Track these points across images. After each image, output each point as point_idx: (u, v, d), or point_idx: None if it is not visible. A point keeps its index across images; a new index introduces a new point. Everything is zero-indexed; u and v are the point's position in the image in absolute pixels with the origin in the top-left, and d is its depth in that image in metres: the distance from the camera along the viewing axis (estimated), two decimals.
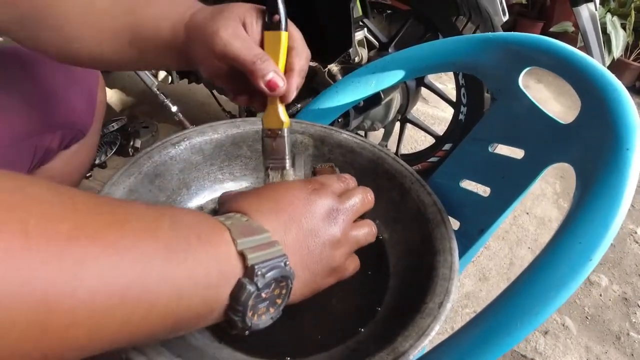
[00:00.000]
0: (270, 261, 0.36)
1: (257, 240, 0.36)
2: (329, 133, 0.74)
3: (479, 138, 0.67)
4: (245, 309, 0.35)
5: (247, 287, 0.34)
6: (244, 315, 0.35)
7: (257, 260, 0.35)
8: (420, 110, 2.35)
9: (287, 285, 0.38)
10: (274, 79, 0.47)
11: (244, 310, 0.35)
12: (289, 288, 0.39)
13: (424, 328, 0.45)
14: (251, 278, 0.34)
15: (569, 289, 0.39)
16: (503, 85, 0.64)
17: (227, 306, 0.35)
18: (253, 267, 0.34)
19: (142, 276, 0.29)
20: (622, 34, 2.88)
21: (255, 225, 0.38)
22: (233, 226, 0.36)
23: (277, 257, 0.36)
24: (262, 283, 0.35)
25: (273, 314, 0.39)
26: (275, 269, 0.36)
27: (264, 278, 0.35)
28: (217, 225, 0.36)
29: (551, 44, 0.59)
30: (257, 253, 0.35)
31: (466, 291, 1.45)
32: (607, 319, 1.45)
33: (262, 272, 0.35)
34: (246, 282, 0.34)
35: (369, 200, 0.49)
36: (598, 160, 0.46)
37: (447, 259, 0.55)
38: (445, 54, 0.70)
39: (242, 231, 0.36)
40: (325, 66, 1.18)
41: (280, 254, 0.37)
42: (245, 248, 0.35)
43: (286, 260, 0.37)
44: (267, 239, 0.37)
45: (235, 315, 0.35)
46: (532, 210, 1.86)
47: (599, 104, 0.50)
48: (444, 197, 0.63)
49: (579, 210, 0.43)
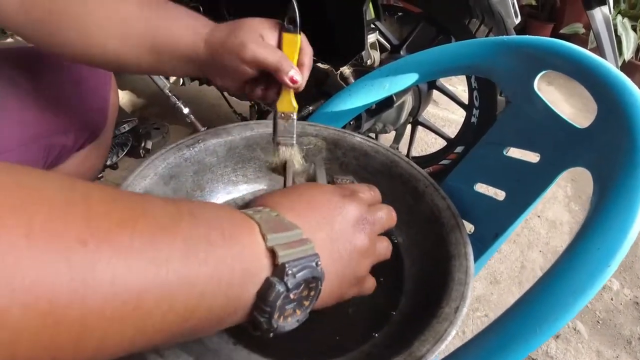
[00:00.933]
0: (301, 260, 0.34)
1: (288, 236, 0.35)
2: (343, 136, 0.74)
3: (494, 141, 0.67)
4: (273, 309, 0.33)
5: (277, 287, 0.33)
6: (271, 316, 0.33)
7: (289, 259, 0.33)
8: (431, 113, 2.35)
9: (317, 286, 0.37)
10: (294, 76, 0.57)
11: (271, 311, 0.33)
12: (318, 290, 0.37)
13: (441, 333, 0.45)
14: (281, 277, 0.33)
15: (587, 296, 0.38)
16: (518, 89, 0.64)
17: (253, 306, 0.34)
18: (284, 265, 0.33)
19: (158, 279, 0.27)
20: (632, 35, 2.86)
21: (286, 221, 0.37)
22: (263, 220, 0.35)
23: (309, 256, 0.35)
24: (292, 283, 0.33)
25: (300, 316, 0.37)
26: (306, 269, 0.34)
27: (294, 278, 0.33)
28: (244, 220, 0.35)
29: (567, 48, 0.58)
30: (289, 250, 0.34)
31: (477, 294, 1.45)
32: (619, 323, 1.44)
33: (293, 271, 0.33)
34: (275, 281, 0.33)
35: (393, 218, 0.49)
36: (615, 164, 0.46)
37: (462, 263, 0.55)
38: (460, 58, 0.70)
39: (272, 226, 0.35)
40: (337, 69, 1.18)
41: (312, 252, 0.36)
42: (275, 244, 0.34)
43: (318, 260, 0.36)
44: (299, 235, 0.36)
45: (261, 315, 0.33)
46: (544, 213, 1.85)
47: (615, 108, 0.50)
48: (458, 201, 0.63)
49: (596, 216, 0.42)
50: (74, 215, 0.25)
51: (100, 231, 0.25)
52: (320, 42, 1.24)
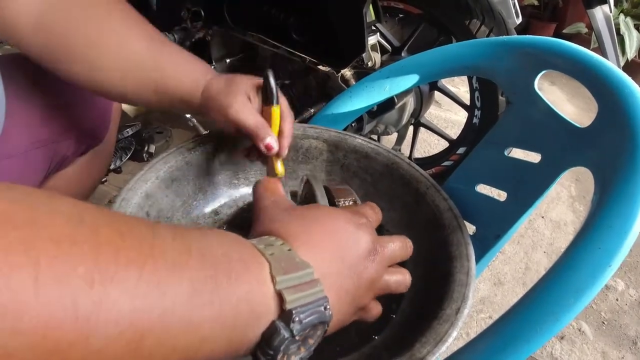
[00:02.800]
0: (310, 305, 0.33)
1: (299, 277, 0.34)
2: (344, 138, 0.74)
3: (495, 142, 0.66)
4: (277, 354, 0.32)
5: (282, 333, 0.32)
6: (274, 359, 0.32)
7: (297, 304, 0.32)
8: (433, 114, 2.34)
9: (323, 328, 0.35)
10: (270, 143, 0.59)
11: (274, 355, 0.32)
12: (324, 331, 0.36)
13: (442, 334, 0.45)
14: (287, 323, 0.32)
15: (588, 295, 0.38)
16: (518, 89, 0.64)
17: (257, 345, 0.33)
18: (291, 311, 0.32)
19: (161, 321, 0.27)
20: (635, 34, 2.85)
21: (298, 259, 0.35)
22: (274, 259, 0.34)
23: (318, 300, 0.34)
24: (297, 330, 0.32)
25: (303, 354, 0.35)
26: (314, 315, 0.33)
27: (301, 325, 0.32)
28: (254, 257, 0.34)
29: (567, 47, 0.58)
30: (297, 295, 0.33)
31: (481, 296, 1.44)
32: (624, 323, 1.43)
33: (300, 317, 0.32)
34: (281, 326, 0.32)
35: (408, 250, 0.47)
36: (616, 164, 0.45)
37: (463, 264, 0.54)
38: (460, 58, 0.70)
39: (283, 266, 0.34)
40: (338, 71, 1.18)
41: (321, 295, 0.34)
42: (284, 288, 0.33)
43: (327, 305, 0.34)
44: (310, 276, 0.35)
45: (264, 356, 0.33)
46: (548, 213, 1.84)
47: (616, 107, 0.50)
48: (459, 202, 0.63)
49: (597, 216, 0.42)
50: (82, 255, 0.24)
51: (108, 272, 0.25)
52: (321, 45, 1.24)
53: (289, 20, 1.21)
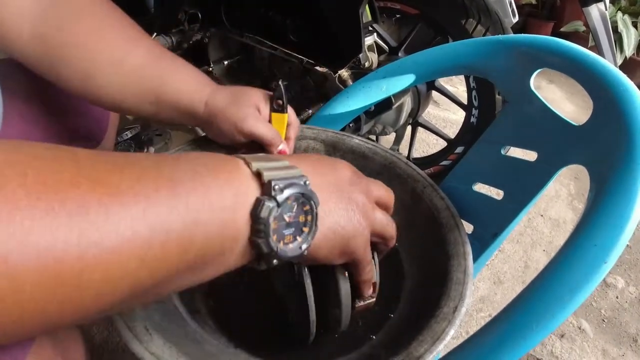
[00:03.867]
0: (288, 179, 0.35)
1: (274, 164, 0.36)
2: (341, 139, 0.74)
3: (491, 141, 0.67)
4: (268, 227, 0.33)
5: (266, 203, 0.33)
6: (267, 235, 0.34)
7: (274, 177, 0.34)
8: (432, 113, 2.35)
9: (312, 209, 0.36)
10: (283, 150, 0.65)
11: (266, 230, 0.33)
12: (315, 213, 0.37)
13: (439, 333, 0.45)
14: (269, 194, 0.33)
15: (584, 292, 0.38)
16: (514, 88, 0.64)
17: (250, 231, 0.34)
18: (270, 182, 0.34)
19: (150, 211, 0.28)
20: (633, 32, 2.85)
21: (272, 156, 0.38)
22: (247, 156, 0.36)
23: (295, 177, 0.35)
24: (281, 198, 0.33)
25: (301, 243, 0.36)
26: (294, 186, 0.34)
27: (282, 192, 0.34)
28: (228, 157, 0.36)
29: (562, 45, 0.58)
30: (274, 172, 0.35)
31: (481, 295, 1.45)
32: (624, 321, 1.43)
33: (280, 186, 0.34)
34: (264, 198, 0.33)
35: (391, 194, 0.48)
36: (611, 161, 0.46)
37: (461, 263, 0.55)
38: (456, 58, 0.70)
39: (256, 158, 0.36)
40: (335, 72, 1.18)
41: (299, 174, 0.36)
42: (260, 168, 0.34)
43: (306, 180, 0.36)
44: (285, 164, 0.37)
45: (258, 237, 0.34)
46: (547, 212, 1.84)
47: (611, 104, 0.50)
48: (457, 201, 0.63)
49: (593, 213, 0.42)
50: (65, 165, 0.27)
51: (90, 176, 0.27)
52: (318, 46, 1.25)
53: (286, 21, 1.21)
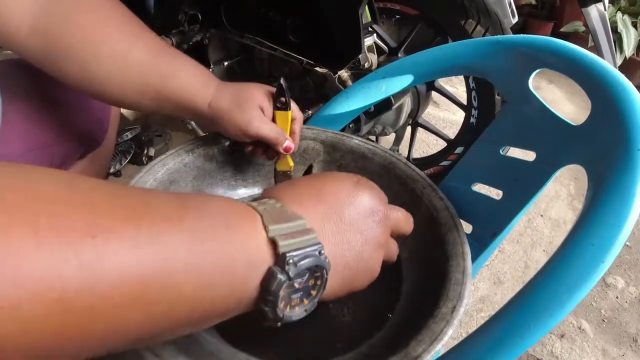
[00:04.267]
0: (303, 249, 0.34)
1: (290, 227, 0.35)
2: (341, 139, 0.74)
3: (490, 141, 0.67)
4: (276, 299, 0.34)
5: (278, 276, 0.33)
6: (275, 305, 0.34)
7: (289, 248, 0.34)
8: (432, 114, 2.35)
9: (322, 275, 0.37)
10: (288, 146, 0.67)
11: (274, 301, 0.34)
12: (324, 279, 0.37)
13: (437, 333, 0.45)
14: (282, 267, 0.33)
15: (582, 291, 0.38)
16: (513, 88, 0.64)
17: (258, 296, 0.34)
18: (284, 254, 0.33)
19: (164, 268, 0.28)
20: (633, 32, 2.85)
21: (289, 212, 0.37)
22: (266, 212, 0.35)
23: (311, 246, 0.35)
24: (294, 272, 0.33)
25: (307, 305, 0.37)
26: (308, 258, 0.34)
27: (295, 267, 0.33)
28: (248, 212, 0.35)
29: (560, 46, 0.59)
30: (290, 240, 0.34)
31: (481, 295, 1.45)
32: (624, 321, 1.43)
33: (294, 260, 0.33)
34: (277, 270, 0.33)
35: (411, 222, 0.49)
36: (609, 161, 0.46)
37: (459, 263, 0.55)
38: (455, 58, 0.70)
39: (275, 217, 0.35)
40: (335, 72, 1.18)
41: (314, 242, 0.35)
42: (276, 235, 0.34)
43: (321, 249, 0.35)
44: (302, 226, 0.36)
45: (265, 305, 0.34)
46: (547, 212, 1.84)
47: (609, 104, 0.50)
48: (456, 201, 0.63)
49: (591, 212, 0.43)
50: (79, 212, 0.26)
51: (106, 226, 0.26)
52: (318, 46, 1.25)
53: (286, 22, 1.21)
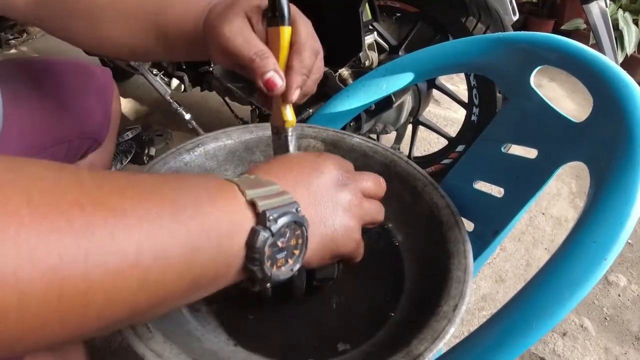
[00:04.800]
0: (281, 208, 0.36)
1: (266, 191, 0.37)
2: (342, 137, 0.74)
3: (491, 138, 0.66)
4: (262, 256, 0.35)
5: (261, 233, 0.34)
6: (262, 263, 0.35)
7: (268, 207, 0.35)
8: (433, 112, 2.34)
9: (303, 233, 0.38)
10: (272, 78, 0.46)
11: (261, 258, 0.35)
12: (305, 236, 0.38)
13: (439, 331, 0.45)
14: (264, 224, 0.34)
15: (584, 289, 0.38)
16: (514, 85, 0.64)
17: (244, 258, 0.35)
18: (264, 212, 0.34)
19: (151, 234, 0.29)
20: (634, 29, 2.84)
21: (263, 179, 0.38)
22: (241, 181, 0.36)
23: (287, 204, 0.36)
24: (275, 228, 0.35)
25: (292, 265, 0.38)
26: (287, 214, 0.36)
27: (276, 223, 0.35)
28: (224, 182, 0.37)
29: (561, 42, 0.58)
30: (267, 201, 0.35)
31: (483, 293, 1.44)
32: (626, 319, 1.43)
33: (274, 216, 0.35)
34: (259, 228, 0.34)
35: (382, 185, 0.49)
36: (611, 157, 0.45)
37: (461, 261, 0.54)
38: (455, 55, 0.70)
39: (250, 184, 0.36)
40: (336, 71, 1.18)
41: (290, 201, 0.37)
42: (254, 197, 0.35)
43: (297, 207, 0.37)
44: (276, 189, 0.37)
45: (253, 265, 0.35)
46: (548, 210, 1.84)
47: (611, 101, 0.50)
48: (457, 199, 0.63)
49: (593, 209, 0.42)
50: (68, 187, 0.26)
51: (94, 197, 0.27)
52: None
53: None
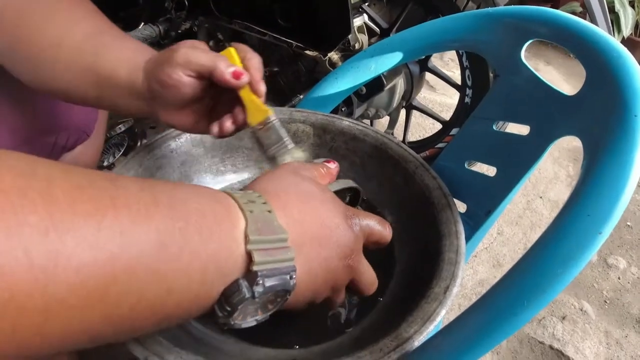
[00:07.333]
0: (277, 270, 0.33)
1: (271, 241, 0.34)
2: (331, 121, 0.72)
3: (483, 117, 0.65)
4: (234, 311, 0.32)
5: (243, 292, 0.32)
6: (230, 315, 0.33)
7: (263, 268, 0.32)
8: (428, 98, 2.32)
9: (285, 297, 0.35)
10: (237, 69, 0.49)
11: (231, 311, 0.32)
12: (285, 299, 0.36)
13: (430, 313, 0.44)
14: (250, 284, 0.32)
15: (578, 265, 0.36)
16: (505, 61, 0.62)
17: (216, 300, 0.33)
18: (257, 273, 0.32)
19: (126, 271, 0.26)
20: (630, 12, 2.82)
21: (275, 223, 0.35)
22: (252, 217, 0.33)
23: (285, 268, 0.34)
24: (259, 292, 0.32)
25: (259, 317, 0.36)
26: (278, 282, 0.33)
27: (263, 288, 0.32)
28: (230, 214, 0.33)
29: (550, 14, 0.57)
30: (266, 258, 0.33)
31: (480, 278, 1.43)
32: (627, 302, 1.42)
33: (264, 281, 0.32)
34: (244, 285, 0.32)
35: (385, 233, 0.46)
36: (606, 129, 0.44)
37: (452, 242, 0.53)
38: (444, 32, 0.68)
39: (259, 227, 0.33)
40: (325, 55, 1.16)
41: (290, 264, 0.34)
42: (255, 249, 0.32)
43: (293, 274, 0.34)
44: (283, 242, 0.34)
45: (221, 311, 0.33)
46: (546, 194, 1.83)
47: (604, 71, 0.48)
48: (449, 180, 0.62)
49: (586, 182, 0.41)
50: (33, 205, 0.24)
51: (63, 222, 0.24)
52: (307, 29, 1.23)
53: (274, 6, 1.19)
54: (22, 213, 0.23)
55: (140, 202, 0.29)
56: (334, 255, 0.39)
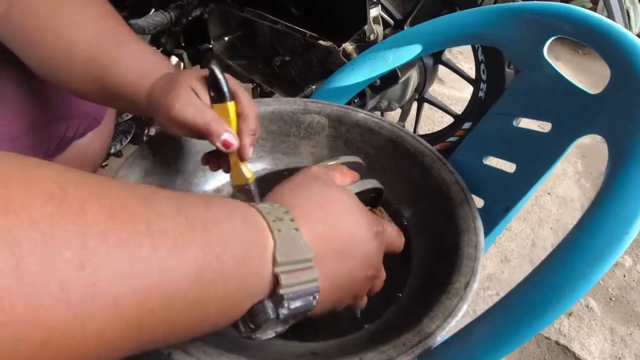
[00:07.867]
0: (301, 296, 0.34)
1: (297, 261, 0.34)
2: (346, 112, 0.72)
3: (502, 113, 0.64)
4: (257, 328, 0.33)
5: (269, 313, 0.33)
6: (253, 332, 0.34)
7: (289, 291, 0.33)
8: (437, 91, 2.31)
9: (304, 314, 0.36)
10: (228, 139, 0.50)
11: (254, 329, 0.33)
12: (305, 315, 0.36)
13: (451, 308, 0.44)
14: (276, 306, 0.33)
15: (605, 265, 0.36)
16: (526, 57, 0.62)
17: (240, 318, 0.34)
18: (282, 296, 0.32)
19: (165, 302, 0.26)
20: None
21: (302, 242, 0.34)
22: (281, 238, 0.33)
23: (309, 289, 0.34)
24: (284, 314, 0.33)
25: (279, 329, 0.36)
26: (303, 303, 0.34)
27: (288, 310, 0.33)
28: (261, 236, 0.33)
29: (576, 12, 0.56)
30: (292, 281, 0.33)
31: (488, 273, 1.43)
32: (632, 300, 1.42)
33: (289, 304, 0.33)
34: (269, 307, 0.33)
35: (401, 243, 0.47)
36: (631, 128, 0.43)
37: (471, 238, 0.53)
38: (464, 27, 0.68)
39: (287, 249, 0.33)
40: (339, 45, 1.15)
41: (314, 285, 0.34)
42: (282, 272, 0.32)
43: (316, 294, 0.35)
44: (308, 263, 0.34)
45: (244, 327, 0.34)
46: (554, 190, 1.82)
47: (629, 70, 0.48)
48: (466, 175, 0.61)
49: (613, 182, 0.40)
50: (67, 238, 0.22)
51: (98, 255, 0.23)
52: (321, 18, 1.22)
53: None
54: (56, 246, 0.22)
55: (177, 229, 0.28)
56: (357, 267, 0.39)
